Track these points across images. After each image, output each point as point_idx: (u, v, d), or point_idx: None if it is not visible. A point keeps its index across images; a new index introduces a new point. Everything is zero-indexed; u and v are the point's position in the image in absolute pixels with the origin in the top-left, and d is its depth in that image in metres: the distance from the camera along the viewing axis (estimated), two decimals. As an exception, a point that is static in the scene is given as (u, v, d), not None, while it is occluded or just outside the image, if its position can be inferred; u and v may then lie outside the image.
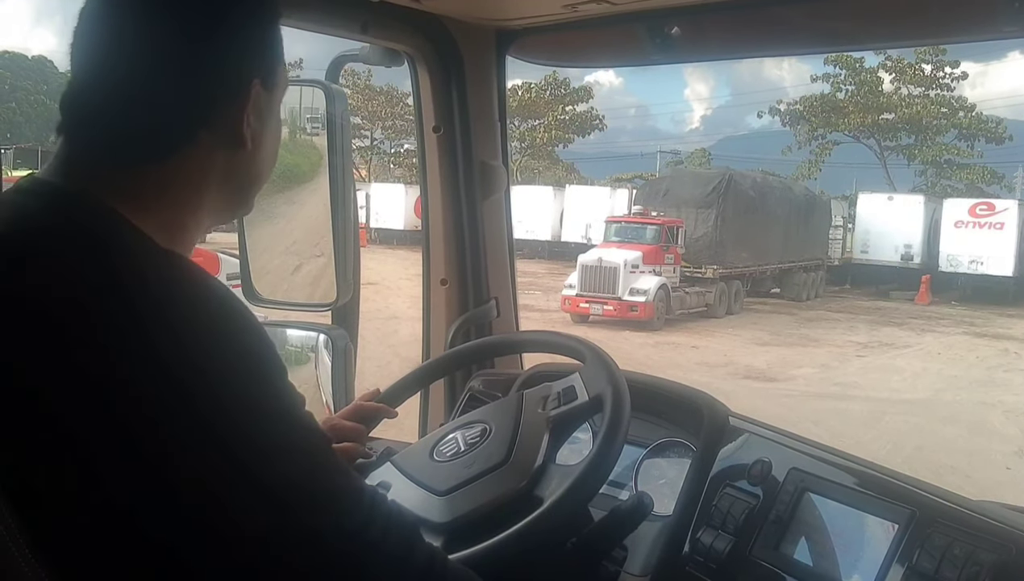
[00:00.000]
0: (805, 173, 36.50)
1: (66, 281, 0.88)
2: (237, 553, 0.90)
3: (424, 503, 1.43)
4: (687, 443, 1.76)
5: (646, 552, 1.61)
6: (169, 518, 0.87)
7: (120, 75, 0.97)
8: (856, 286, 27.61)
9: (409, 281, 19.93)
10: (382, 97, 40.55)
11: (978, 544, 1.26)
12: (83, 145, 0.99)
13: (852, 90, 35.11)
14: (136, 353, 0.86)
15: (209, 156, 1.02)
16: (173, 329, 0.88)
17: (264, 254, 2.08)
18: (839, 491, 1.48)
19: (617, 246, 19.91)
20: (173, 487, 0.87)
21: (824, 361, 15.74)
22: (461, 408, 2.00)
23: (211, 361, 0.89)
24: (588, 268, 19.21)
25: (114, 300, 0.88)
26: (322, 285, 2.00)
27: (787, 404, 10.60)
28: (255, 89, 1.02)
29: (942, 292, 25.09)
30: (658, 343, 16.60)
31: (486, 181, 2.20)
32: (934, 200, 27.93)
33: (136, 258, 0.92)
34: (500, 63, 2.17)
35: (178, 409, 0.86)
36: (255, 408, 0.92)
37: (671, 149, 54.18)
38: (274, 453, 0.92)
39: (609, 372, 1.48)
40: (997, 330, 20.12)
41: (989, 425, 11.16)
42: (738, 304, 22.08)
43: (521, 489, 1.39)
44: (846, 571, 1.39)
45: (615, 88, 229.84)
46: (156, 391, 0.86)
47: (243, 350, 0.93)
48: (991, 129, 35.21)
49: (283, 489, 0.92)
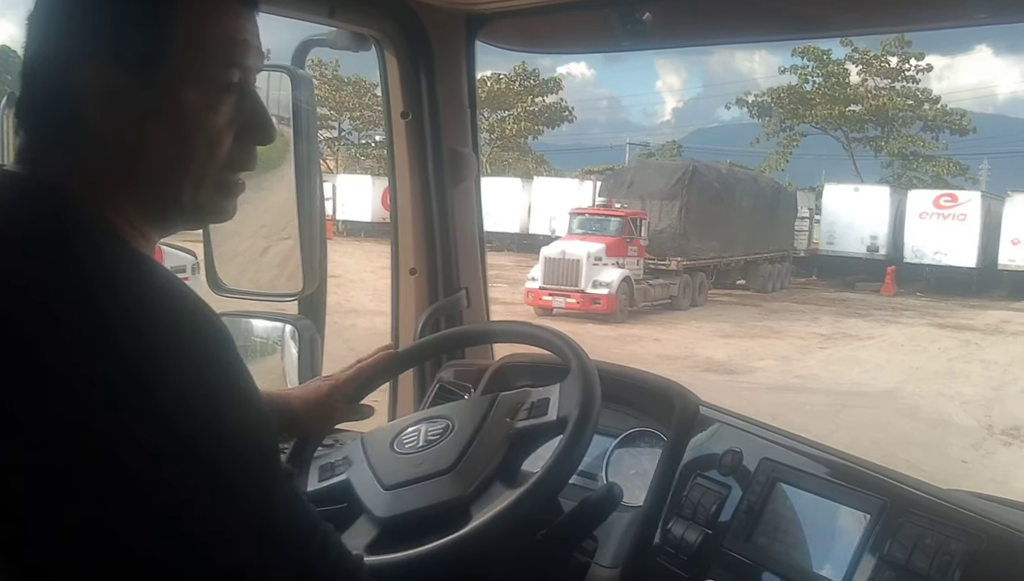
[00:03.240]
0: (772, 165, 36.77)
1: (26, 278, 0.85)
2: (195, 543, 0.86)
3: (371, 491, 1.41)
4: (658, 433, 1.76)
5: (617, 543, 1.60)
6: (144, 519, 0.84)
7: (26, 60, 0.95)
8: (823, 277, 27.87)
9: (373, 273, 19.82)
10: (350, 87, 40.28)
11: (949, 534, 1.26)
12: (28, 133, 0.96)
13: (819, 82, 35.36)
14: (99, 349, 0.83)
15: (91, 149, 0.95)
16: (133, 324, 0.85)
17: (229, 242, 2.04)
18: (811, 481, 1.47)
19: (580, 238, 19.80)
20: (147, 489, 0.83)
21: (786, 353, 15.68)
22: (431, 399, 1.98)
23: (172, 357, 0.86)
24: (551, 261, 19.03)
25: (77, 297, 0.85)
26: (288, 274, 1.96)
27: (746, 397, 10.51)
28: (94, 74, 0.92)
29: (907, 283, 25.39)
30: (621, 336, 16.44)
31: (456, 168, 2.16)
32: (899, 191, 28.21)
33: (97, 250, 0.90)
34: (470, 48, 2.14)
35: (142, 406, 0.83)
36: (215, 403, 0.88)
37: (640, 141, 54.33)
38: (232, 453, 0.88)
39: (584, 391, 1.40)
40: (959, 321, 20.37)
41: (947, 417, 11.13)
42: (702, 296, 22.09)
43: (458, 500, 1.35)
44: (818, 561, 1.38)
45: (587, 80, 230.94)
46: (118, 387, 0.83)
47: (203, 346, 0.90)
48: (956, 121, 35.58)
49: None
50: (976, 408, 11.68)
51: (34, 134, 0.96)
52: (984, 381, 13.60)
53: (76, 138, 0.94)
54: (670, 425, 1.70)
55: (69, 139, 0.94)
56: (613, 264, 19.30)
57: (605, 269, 19.03)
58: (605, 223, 20.51)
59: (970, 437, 10.26)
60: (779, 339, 17.24)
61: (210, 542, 0.86)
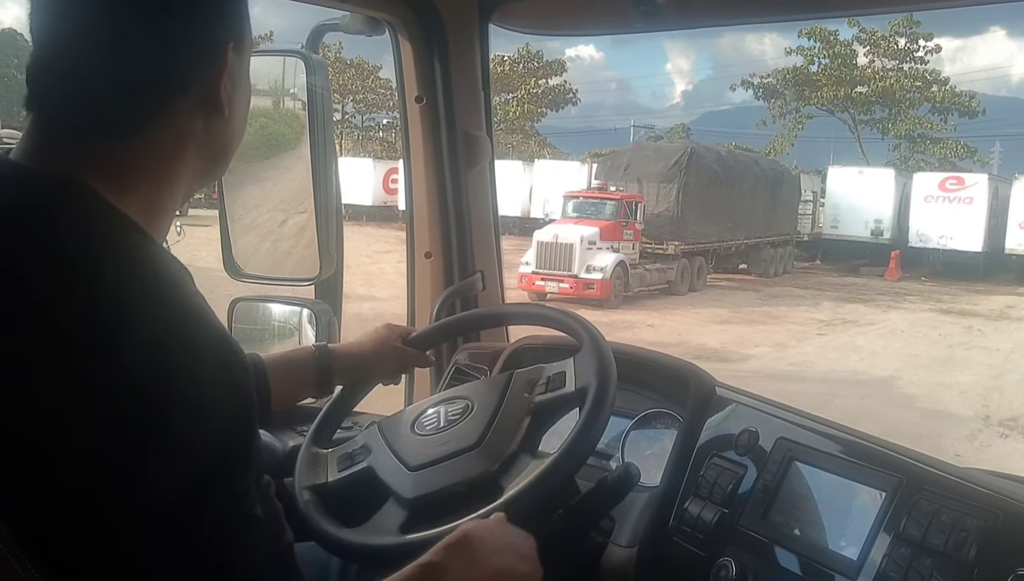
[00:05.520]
0: (778, 148, 36.58)
1: (30, 270, 0.86)
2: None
3: (396, 475, 1.43)
4: (674, 414, 1.77)
5: (633, 523, 1.61)
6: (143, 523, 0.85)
7: (86, 45, 0.94)
8: (827, 261, 27.61)
9: (369, 258, 19.55)
10: (352, 69, 40.11)
11: (965, 511, 1.28)
12: (52, 120, 0.96)
13: (826, 63, 35.08)
14: (96, 344, 0.84)
15: (188, 124, 1.01)
16: (134, 317, 0.87)
17: (245, 228, 2.06)
18: (826, 460, 1.49)
19: (574, 222, 19.37)
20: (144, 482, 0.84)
21: (782, 340, 15.36)
22: (447, 381, 1.99)
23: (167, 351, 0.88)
24: (544, 245, 18.68)
25: (78, 284, 0.86)
26: (305, 259, 1.98)
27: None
28: (229, 53, 1.01)
29: (913, 268, 25.14)
30: (613, 322, 15.86)
31: (470, 152, 2.17)
32: (905, 174, 28.01)
33: (108, 239, 0.91)
34: (483, 32, 2.13)
35: (138, 404, 0.85)
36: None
37: (646, 124, 53.83)
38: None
39: (600, 363, 1.44)
40: (964, 306, 20.05)
41: (943, 407, 10.80)
42: (701, 281, 21.70)
43: (487, 475, 1.37)
44: (834, 540, 1.40)
45: (596, 62, 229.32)
46: (114, 386, 0.84)
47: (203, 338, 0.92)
48: (964, 103, 35.30)
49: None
50: (974, 398, 11.35)
51: (52, 125, 0.96)
52: (984, 369, 13.27)
53: (157, 123, 0.98)
54: (686, 406, 1.71)
55: (142, 126, 0.97)
56: (608, 248, 18.93)
57: (599, 253, 18.66)
58: (600, 206, 20.03)
59: (966, 428, 9.91)
60: (776, 325, 16.92)
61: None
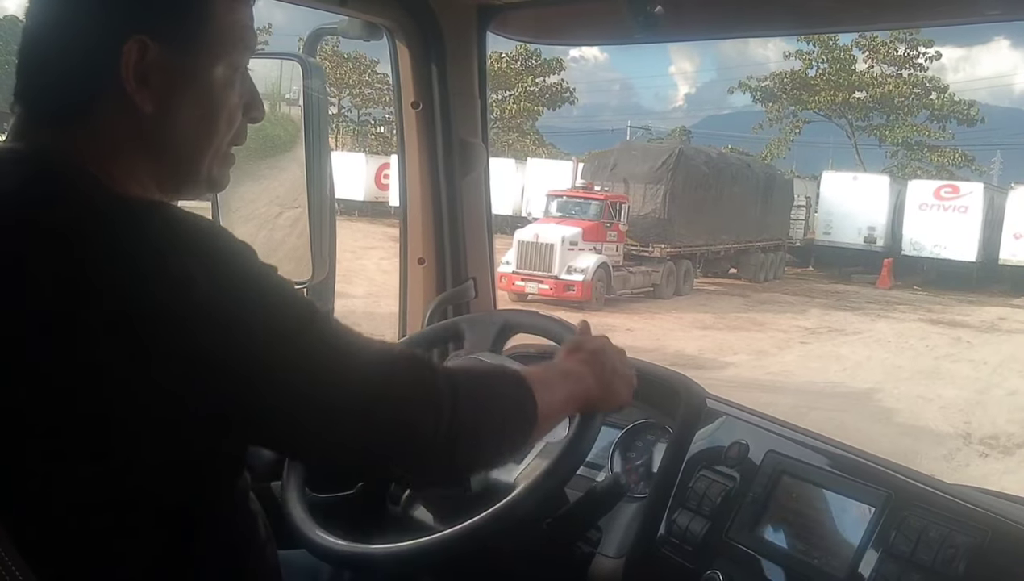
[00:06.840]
0: (774, 152, 36.53)
1: (28, 249, 0.89)
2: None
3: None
4: (664, 425, 1.77)
5: (621, 534, 1.61)
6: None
7: (35, 34, 0.99)
8: (819, 268, 27.43)
9: (352, 253, 19.21)
10: (349, 64, 40.00)
11: (954, 527, 1.28)
12: (23, 108, 1.01)
13: (824, 68, 35.01)
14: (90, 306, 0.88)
15: (114, 120, 0.99)
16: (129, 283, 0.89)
17: (238, 230, 2.04)
18: (816, 474, 1.49)
19: (556, 222, 18.97)
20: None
21: (763, 347, 14.98)
22: None
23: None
24: (524, 244, 18.28)
25: (74, 261, 0.88)
26: (297, 262, 1.97)
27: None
28: (134, 47, 0.96)
29: (906, 276, 24.98)
30: (592, 326, 15.66)
31: (465, 159, 2.17)
32: (899, 181, 27.88)
33: (93, 212, 0.92)
34: (481, 39, 2.14)
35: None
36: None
37: (643, 125, 53.59)
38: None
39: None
40: (954, 317, 19.70)
41: (923, 423, 10.36)
42: (687, 285, 21.35)
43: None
44: (822, 554, 1.40)
45: (599, 63, 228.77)
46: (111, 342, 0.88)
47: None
48: (963, 111, 35.14)
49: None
50: (955, 413, 10.91)
51: (42, 108, 1.00)
52: (969, 383, 12.82)
53: (99, 112, 0.98)
54: (676, 417, 1.71)
55: (86, 113, 0.98)
56: (590, 249, 18.58)
57: (581, 254, 18.31)
58: (584, 206, 19.55)
59: (944, 446, 9.47)
60: (760, 332, 16.56)
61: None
